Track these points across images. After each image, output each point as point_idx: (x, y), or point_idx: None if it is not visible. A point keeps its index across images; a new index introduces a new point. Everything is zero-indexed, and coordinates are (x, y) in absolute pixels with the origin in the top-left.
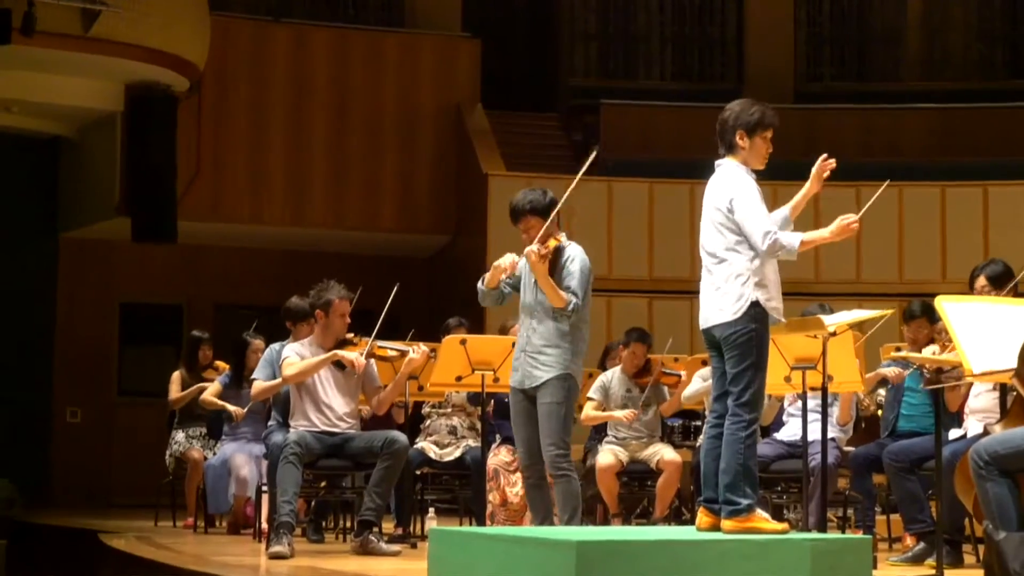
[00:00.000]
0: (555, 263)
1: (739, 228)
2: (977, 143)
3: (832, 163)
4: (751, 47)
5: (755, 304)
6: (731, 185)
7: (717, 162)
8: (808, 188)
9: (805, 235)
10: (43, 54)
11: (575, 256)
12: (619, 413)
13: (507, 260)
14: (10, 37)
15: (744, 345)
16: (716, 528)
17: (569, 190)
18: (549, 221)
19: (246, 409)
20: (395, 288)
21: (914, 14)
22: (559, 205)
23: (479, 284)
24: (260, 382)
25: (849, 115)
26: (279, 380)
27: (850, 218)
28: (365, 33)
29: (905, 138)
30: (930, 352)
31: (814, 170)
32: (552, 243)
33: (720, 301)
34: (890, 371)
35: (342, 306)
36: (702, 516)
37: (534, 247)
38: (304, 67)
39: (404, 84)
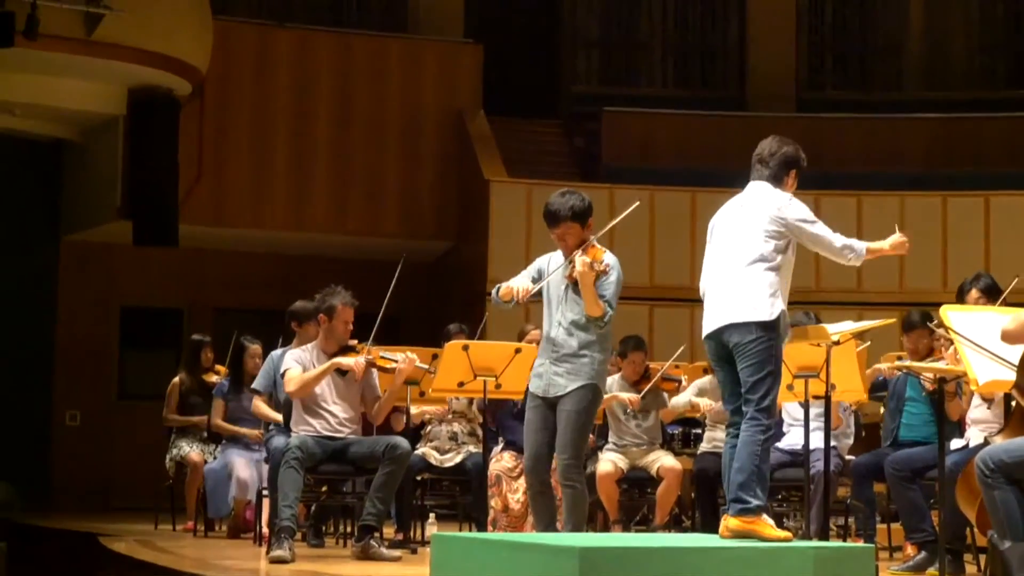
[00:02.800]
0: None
1: (793, 232)
2: (979, 153)
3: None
4: (753, 55)
5: (783, 315)
6: (787, 196)
7: (754, 182)
8: (881, 246)
9: (871, 244)
10: (46, 57)
11: (613, 265)
12: (624, 395)
13: (522, 287)
14: (13, 40)
15: (764, 353)
16: None
17: (605, 228)
18: (585, 227)
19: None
20: (397, 271)
21: (916, 23)
22: (595, 238)
23: (493, 293)
24: (263, 405)
25: (851, 124)
26: (278, 416)
27: (903, 237)
28: (368, 38)
29: (906, 147)
30: (943, 365)
31: (897, 239)
32: (600, 254)
33: (752, 301)
34: (884, 366)
35: (345, 312)
36: (726, 526)
37: (586, 258)
38: (307, 72)
39: (406, 89)
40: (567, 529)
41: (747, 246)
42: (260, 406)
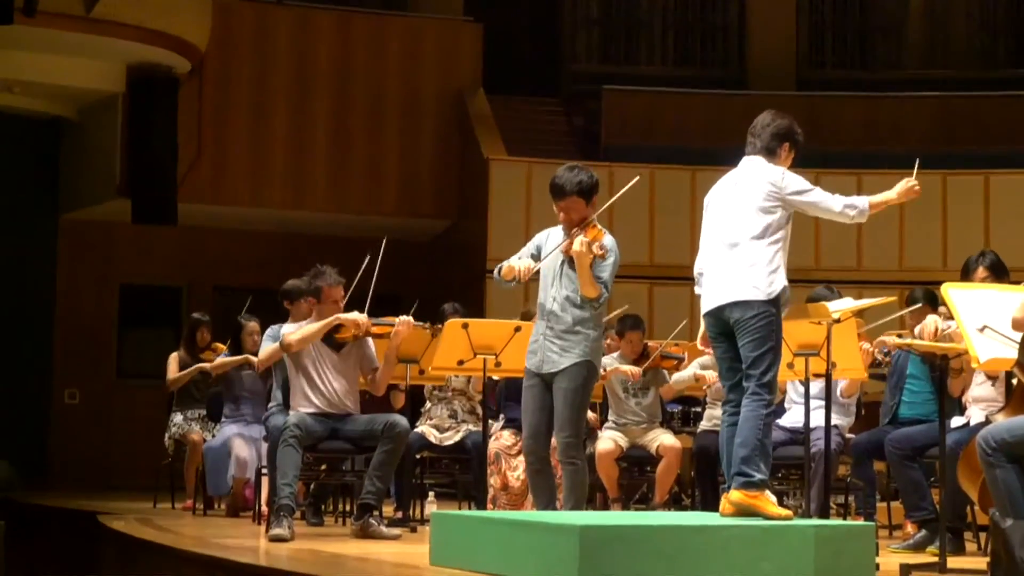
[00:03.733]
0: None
1: (793, 205)
2: (979, 132)
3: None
4: (753, 34)
5: (784, 289)
6: (781, 169)
7: (748, 157)
8: (887, 196)
9: (872, 198)
10: (45, 35)
11: (610, 247)
12: (625, 367)
13: (524, 266)
14: (12, 17)
15: (764, 328)
16: None
17: (606, 205)
18: (589, 204)
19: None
20: (366, 260)
21: (916, 2)
22: (595, 215)
23: (495, 273)
24: (263, 350)
25: (851, 103)
26: (277, 346)
27: (912, 182)
28: (368, 16)
29: (907, 126)
30: (931, 321)
31: (903, 186)
32: (601, 236)
33: (752, 279)
34: (889, 339)
35: (333, 292)
36: (726, 504)
37: (585, 239)
38: (306, 50)
39: (406, 68)
40: (568, 507)
41: (744, 222)
42: (263, 352)
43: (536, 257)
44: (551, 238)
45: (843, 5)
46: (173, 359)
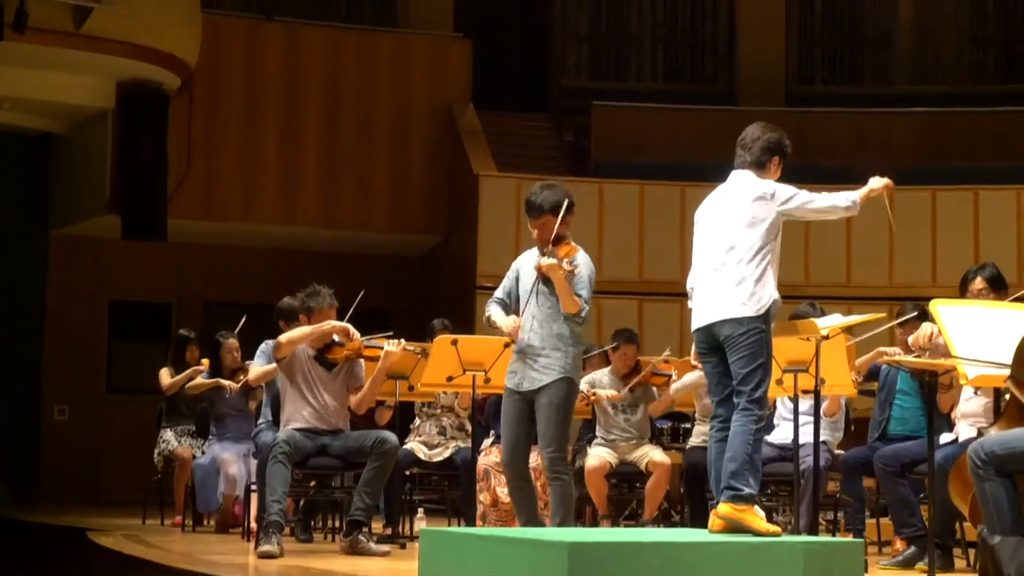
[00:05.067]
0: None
1: (791, 216)
2: (968, 147)
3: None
4: (743, 49)
5: (774, 303)
6: (770, 182)
7: (737, 171)
8: (869, 187)
9: (858, 191)
10: (35, 51)
11: (582, 263)
12: (604, 393)
13: (510, 326)
14: (2, 33)
15: (755, 344)
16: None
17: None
18: (561, 221)
19: (234, 392)
20: (360, 294)
21: (906, 17)
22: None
23: (488, 317)
24: (257, 367)
25: (840, 118)
26: (274, 366)
27: (884, 179)
28: (357, 32)
29: (896, 141)
30: (927, 327)
31: (879, 185)
32: (574, 252)
33: (741, 295)
34: (889, 349)
35: (325, 315)
36: (715, 519)
37: (553, 259)
38: (296, 66)
39: (396, 83)
40: (555, 522)
41: (733, 238)
42: (256, 368)
43: (516, 284)
44: (526, 260)
45: (832, 21)
46: (164, 372)
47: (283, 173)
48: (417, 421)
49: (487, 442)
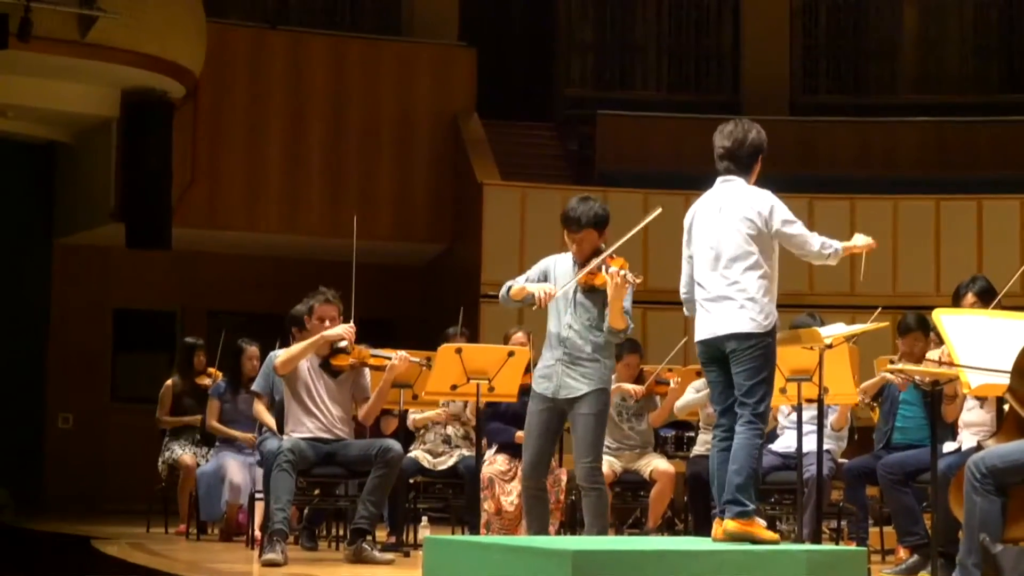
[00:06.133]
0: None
1: (779, 239)
2: (972, 157)
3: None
4: (747, 59)
5: (777, 318)
6: (766, 197)
7: (725, 178)
8: (853, 243)
9: (843, 244)
10: (39, 59)
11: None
12: (628, 385)
13: (546, 289)
14: (7, 42)
15: (761, 358)
16: None
17: (629, 236)
18: (602, 236)
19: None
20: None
21: (910, 27)
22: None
23: (503, 291)
24: (263, 409)
25: (844, 128)
26: (272, 422)
27: (868, 239)
28: (362, 41)
29: (900, 151)
30: (935, 356)
31: (863, 243)
32: (626, 265)
33: (750, 311)
34: (896, 377)
35: (322, 311)
36: (719, 527)
37: (623, 272)
38: (301, 75)
39: (401, 92)
40: (593, 532)
41: (736, 252)
42: (260, 409)
43: (544, 282)
44: (558, 264)
45: (837, 30)
46: (167, 390)
47: (287, 182)
48: (421, 430)
49: (490, 451)
